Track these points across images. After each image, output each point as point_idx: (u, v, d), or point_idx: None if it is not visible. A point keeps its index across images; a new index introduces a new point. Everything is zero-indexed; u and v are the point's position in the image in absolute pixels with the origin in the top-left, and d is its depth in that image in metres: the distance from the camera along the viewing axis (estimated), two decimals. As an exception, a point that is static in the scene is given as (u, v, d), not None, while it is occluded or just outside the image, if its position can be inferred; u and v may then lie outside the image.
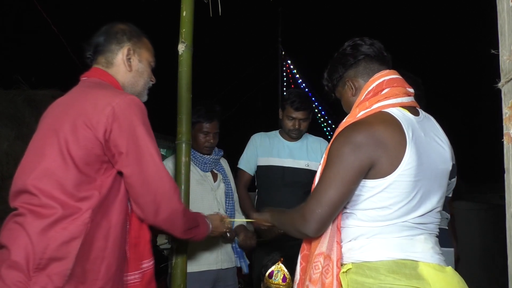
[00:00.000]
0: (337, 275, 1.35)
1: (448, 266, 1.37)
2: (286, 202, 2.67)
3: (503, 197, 0.98)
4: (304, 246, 1.52)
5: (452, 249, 2.35)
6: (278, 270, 1.95)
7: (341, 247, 1.40)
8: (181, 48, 2.18)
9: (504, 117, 0.83)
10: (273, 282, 1.93)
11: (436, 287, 1.26)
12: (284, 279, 1.92)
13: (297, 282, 1.51)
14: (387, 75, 1.42)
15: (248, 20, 12.81)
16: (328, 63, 1.58)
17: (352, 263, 1.35)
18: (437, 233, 1.43)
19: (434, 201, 1.39)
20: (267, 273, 1.96)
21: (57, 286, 1.27)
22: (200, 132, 2.48)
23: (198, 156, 2.53)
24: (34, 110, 5.92)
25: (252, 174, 2.84)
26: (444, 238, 1.77)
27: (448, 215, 2.32)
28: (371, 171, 1.32)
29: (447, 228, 2.33)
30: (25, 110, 5.69)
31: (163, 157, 2.89)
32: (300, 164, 2.78)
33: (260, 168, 2.82)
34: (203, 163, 2.52)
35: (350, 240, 1.39)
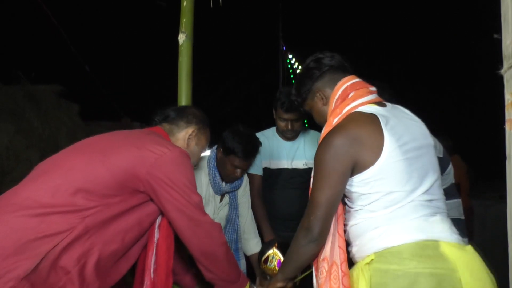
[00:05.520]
0: (342, 278, 1.41)
1: (467, 245, 1.40)
2: (287, 203, 2.64)
3: (502, 197, 0.98)
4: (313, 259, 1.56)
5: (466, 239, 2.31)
6: (273, 255, 1.95)
7: (344, 252, 1.45)
8: (181, 38, 2.18)
9: (506, 103, 0.82)
10: (269, 267, 1.93)
11: (459, 266, 1.29)
12: (279, 263, 1.92)
13: None
14: (349, 81, 1.52)
15: (249, 14, 12.78)
16: (294, 80, 1.65)
17: (374, 252, 1.36)
18: (447, 213, 1.46)
19: (430, 174, 1.42)
20: (263, 258, 1.97)
21: (18, 275, 1.25)
22: (230, 164, 2.29)
23: (217, 180, 2.36)
24: (34, 105, 5.93)
25: (261, 174, 2.70)
26: (461, 230, 1.73)
27: (460, 200, 2.28)
28: (357, 167, 1.39)
29: (463, 218, 2.27)
30: (25, 105, 5.69)
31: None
32: (299, 164, 2.72)
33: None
34: (218, 187, 2.38)
35: (367, 232, 1.41)
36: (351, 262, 1.50)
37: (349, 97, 1.49)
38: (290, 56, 11.69)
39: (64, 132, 6.52)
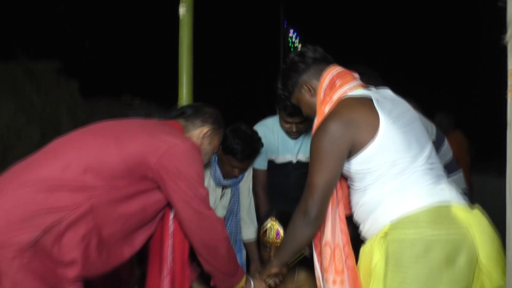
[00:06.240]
0: (346, 260, 1.48)
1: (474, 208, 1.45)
2: (290, 189, 2.63)
3: (502, 174, 0.98)
4: (316, 242, 1.61)
5: None
6: (271, 226, 1.98)
7: (346, 235, 1.50)
8: (181, 10, 2.15)
9: (509, 70, 0.82)
10: (268, 238, 1.96)
11: (471, 227, 1.33)
12: (277, 234, 1.95)
13: (320, 278, 1.59)
14: (333, 70, 1.57)
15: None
16: (279, 75, 1.72)
17: (390, 222, 1.39)
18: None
19: (426, 142, 1.49)
20: (262, 230, 2.00)
21: (21, 244, 1.28)
22: (228, 163, 2.28)
23: (217, 174, 2.35)
24: (33, 82, 5.90)
25: (265, 169, 2.64)
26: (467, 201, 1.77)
27: (461, 172, 2.31)
28: (355, 148, 1.43)
29: (467, 190, 2.28)
30: (25, 82, 5.67)
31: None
32: (303, 158, 2.66)
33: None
34: (218, 181, 2.36)
35: (380, 205, 1.42)
36: (356, 247, 1.53)
37: (336, 84, 1.54)
38: (291, 33, 11.55)
39: (65, 109, 6.51)
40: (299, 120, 2.47)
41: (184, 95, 2.19)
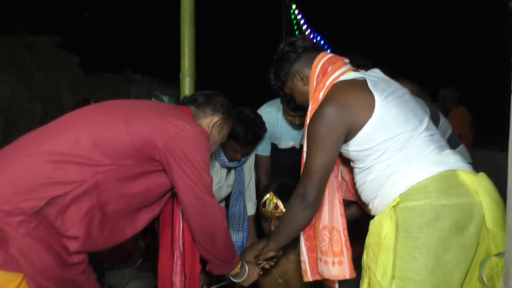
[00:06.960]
0: (345, 242, 1.53)
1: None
2: (292, 168, 2.64)
3: (504, 149, 0.99)
4: (305, 228, 1.64)
5: None
6: (270, 199, 2.01)
7: (345, 218, 1.55)
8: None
9: None
10: (267, 210, 2.00)
11: (478, 190, 1.35)
12: (276, 207, 1.98)
13: (306, 261, 1.64)
14: (324, 57, 1.59)
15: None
16: (270, 66, 1.72)
17: (399, 194, 1.39)
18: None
19: (423, 113, 1.53)
20: (261, 202, 2.03)
21: (26, 211, 1.31)
22: (230, 148, 2.30)
23: (222, 156, 2.39)
24: (34, 56, 5.87)
25: (269, 155, 2.64)
26: None
27: (463, 145, 2.32)
28: (353, 130, 1.44)
29: (471, 162, 2.28)
30: (26, 57, 5.64)
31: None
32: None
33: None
34: (223, 163, 2.39)
35: (389, 178, 1.44)
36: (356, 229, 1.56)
37: (328, 71, 1.57)
38: (294, 7, 11.36)
39: (66, 83, 6.50)
40: (302, 113, 2.44)
41: (187, 66, 2.17)
